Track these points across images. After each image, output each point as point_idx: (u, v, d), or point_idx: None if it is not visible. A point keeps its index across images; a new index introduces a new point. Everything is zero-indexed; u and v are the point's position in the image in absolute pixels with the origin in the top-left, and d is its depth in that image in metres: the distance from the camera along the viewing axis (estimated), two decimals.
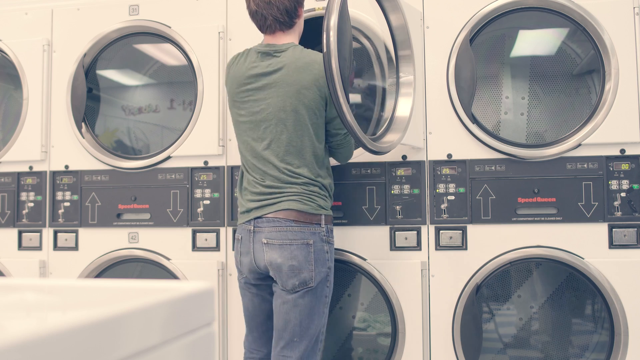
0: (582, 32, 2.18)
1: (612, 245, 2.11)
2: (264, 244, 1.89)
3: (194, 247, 2.40)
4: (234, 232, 2.23)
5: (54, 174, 2.56)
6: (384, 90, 2.33)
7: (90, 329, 0.53)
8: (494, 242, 2.17)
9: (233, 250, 2.08)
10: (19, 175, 2.60)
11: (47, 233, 2.55)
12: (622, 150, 2.12)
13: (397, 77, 2.12)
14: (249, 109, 1.95)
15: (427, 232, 2.22)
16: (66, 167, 2.54)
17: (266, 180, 1.93)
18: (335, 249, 2.26)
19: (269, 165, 1.92)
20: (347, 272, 2.35)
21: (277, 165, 1.91)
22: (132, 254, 2.44)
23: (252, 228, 1.92)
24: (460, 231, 2.20)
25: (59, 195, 2.55)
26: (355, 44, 2.37)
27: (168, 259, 2.40)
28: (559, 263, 2.15)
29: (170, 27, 2.45)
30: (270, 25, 1.93)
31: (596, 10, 2.13)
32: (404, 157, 2.25)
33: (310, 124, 1.91)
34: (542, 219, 2.15)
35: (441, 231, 2.21)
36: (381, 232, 2.25)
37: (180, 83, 2.62)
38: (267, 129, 1.92)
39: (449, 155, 2.22)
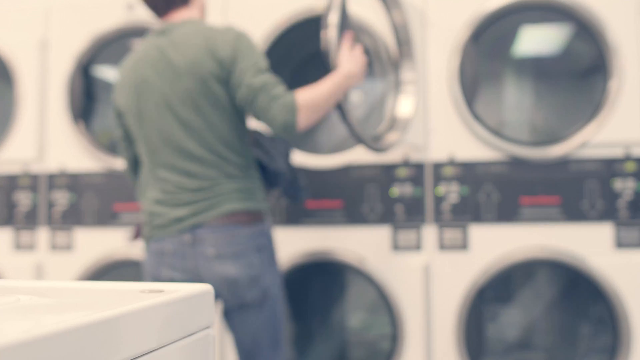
0: (585, 31, 2.17)
1: (617, 245, 2.09)
2: (212, 257, 1.61)
3: None
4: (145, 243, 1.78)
5: (50, 173, 2.54)
6: (385, 88, 2.32)
7: (85, 331, 0.52)
8: (496, 243, 2.16)
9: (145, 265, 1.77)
10: (14, 174, 2.58)
11: (43, 233, 2.53)
12: (627, 150, 2.11)
13: (398, 76, 2.11)
14: (149, 95, 1.67)
15: (429, 232, 2.21)
16: (62, 166, 2.53)
17: (192, 181, 1.64)
18: (335, 248, 2.25)
19: (195, 160, 1.64)
20: (346, 272, 2.33)
21: (205, 158, 1.63)
22: (130, 254, 2.42)
23: (190, 239, 1.62)
24: (463, 231, 2.18)
25: (55, 195, 2.53)
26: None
27: None
28: (562, 264, 2.14)
29: None
30: (162, 7, 1.73)
31: (600, 9, 2.12)
32: (406, 156, 2.24)
33: (226, 101, 1.64)
34: (546, 219, 2.13)
35: (443, 231, 2.19)
36: (382, 233, 2.23)
37: None
38: (179, 115, 1.64)
39: (451, 155, 2.21)
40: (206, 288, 0.71)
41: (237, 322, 1.70)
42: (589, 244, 2.10)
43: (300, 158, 2.27)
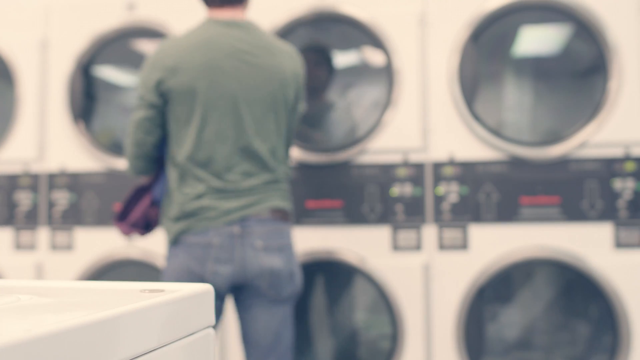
0: (585, 31, 2.17)
1: (617, 245, 2.09)
2: (259, 248, 1.64)
3: None
4: (175, 237, 1.70)
5: (50, 173, 2.54)
6: (376, 97, 2.32)
7: (85, 331, 0.52)
8: (496, 243, 2.15)
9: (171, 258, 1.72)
10: (14, 174, 2.58)
11: (43, 233, 2.53)
12: (627, 150, 2.11)
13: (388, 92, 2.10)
14: (226, 88, 1.65)
15: (429, 232, 2.21)
16: (62, 166, 2.53)
17: (247, 181, 1.66)
18: (335, 248, 2.25)
19: (257, 160, 1.67)
20: (347, 272, 2.33)
21: (266, 161, 1.68)
22: (130, 254, 2.42)
23: (239, 230, 1.63)
24: (462, 231, 2.18)
25: (55, 195, 2.52)
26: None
27: None
28: (562, 263, 2.14)
29: (169, 24, 2.43)
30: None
31: (600, 9, 2.12)
32: (405, 156, 2.24)
33: (292, 114, 1.78)
34: (546, 219, 2.13)
35: (443, 231, 2.19)
36: (382, 233, 2.23)
37: None
38: (254, 113, 1.67)
39: (451, 155, 2.21)
40: (206, 288, 0.71)
41: (264, 317, 1.69)
42: (588, 244, 2.10)
43: (301, 156, 2.27)
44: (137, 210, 1.83)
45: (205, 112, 1.65)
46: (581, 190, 2.12)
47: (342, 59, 2.47)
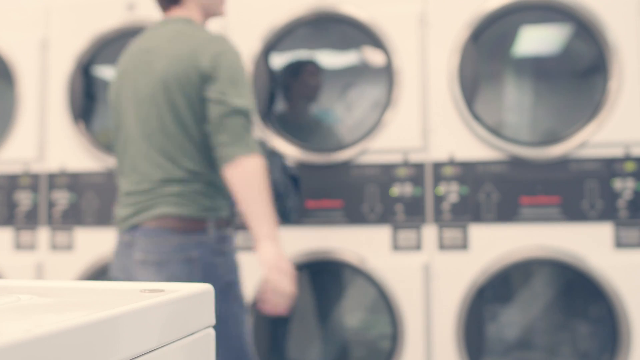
0: (585, 31, 2.17)
1: (617, 245, 2.09)
2: (138, 261, 1.53)
3: None
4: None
5: (50, 173, 2.54)
6: (376, 97, 2.32)
7: (85, 331, 0.52)
8: (496, 243, 2.16)
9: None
10: (15, 174, 2.58)
11: (43, 233, 2.53)
12: (627, 150, 2.11)
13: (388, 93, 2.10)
14: (126, 92, 1.64)
15: (429, 232, 2.21)
16: (62, 166, 2.53)
17: (141, 181, 1.58)
18: (335, 248, 2.25)
19: (143, 159, 1.58)
20: (346, 272, 2.33)
21: (152, 158, 1.57)
22: None
23: (128, 240, 1.58)
24: (463, 231, 2.18)
25: (55, 195, 2.52)
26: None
27: None
28: (562, 263, 2.14)
29: None
30: (162, 3, 1.70)
31: (600, 9, 2.12)
32: (405, 156, 2.24)
33: (186, 103, 1.55)
34: (546, 219, 2.13)
35: (443, 231, 2.19)
36: (382, 233, 2.23)
37: None
38: (140, 112, 1.60)
39: (451, 154, 2.21)
40: (206, 287, 0.71)
41: None
42: (588, 244, 2.10)
43: (301, 156, 2.27)
44: None
45: (117, 120, 1.70)
46: (581, 190, 2.12)
47: (342, 59, 2.47)
